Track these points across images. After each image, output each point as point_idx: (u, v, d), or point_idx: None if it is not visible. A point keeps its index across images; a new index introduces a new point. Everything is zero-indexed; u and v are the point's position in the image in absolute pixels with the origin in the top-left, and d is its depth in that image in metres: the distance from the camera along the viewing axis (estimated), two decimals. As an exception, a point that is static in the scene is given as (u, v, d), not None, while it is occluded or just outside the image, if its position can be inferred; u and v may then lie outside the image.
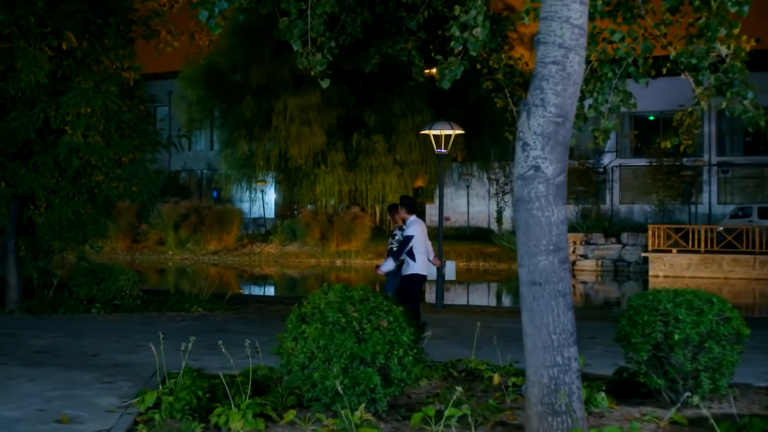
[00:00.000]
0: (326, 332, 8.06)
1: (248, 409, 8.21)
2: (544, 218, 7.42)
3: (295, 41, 9.53)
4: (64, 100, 16.13)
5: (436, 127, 21.26)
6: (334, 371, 7.96)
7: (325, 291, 8.55)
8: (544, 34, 7.46)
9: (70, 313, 17.62)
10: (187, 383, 8.88)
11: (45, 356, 12.13)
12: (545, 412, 7.36)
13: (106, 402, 9.01)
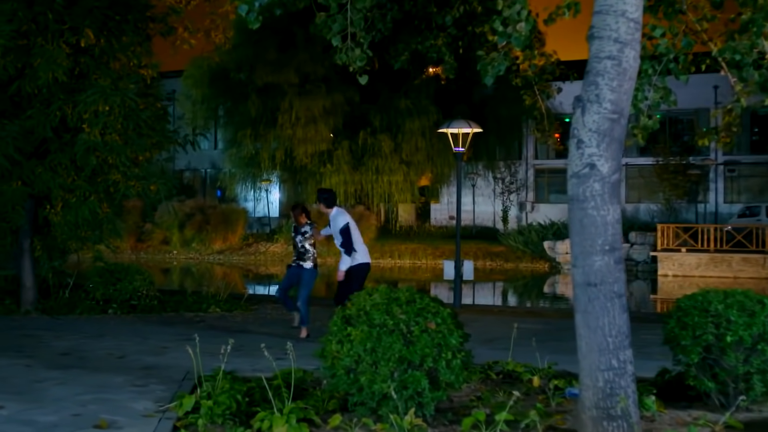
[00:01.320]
0: (373, 335, 7.83)
1: (291, 413, 8.00)
2: (599, 217, 7.23)
3: (335, 36, 9.31)
4: (82, 97, 15.89)
5: (453, 125, 21.00)
6: (382, 375, 7.73)
7: (370, 292, 8.32)
8: (598, 28, 7.26)
9: (87, 313, 17.39)
10: (226, 387, 8.65)
11: (70, 358, 11.90)
12: (600, 416, 7.16)
13: (142, 406, 8.78)
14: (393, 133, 49.61)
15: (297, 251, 14.80)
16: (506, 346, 11.00)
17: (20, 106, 16.82)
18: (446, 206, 58.15)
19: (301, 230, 14.71)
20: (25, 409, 8.54)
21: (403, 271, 45.86)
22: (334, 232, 14.00)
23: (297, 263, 14.80)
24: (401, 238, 51.86)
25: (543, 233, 47.41)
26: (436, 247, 48.97)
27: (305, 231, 14.67)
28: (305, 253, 14.72)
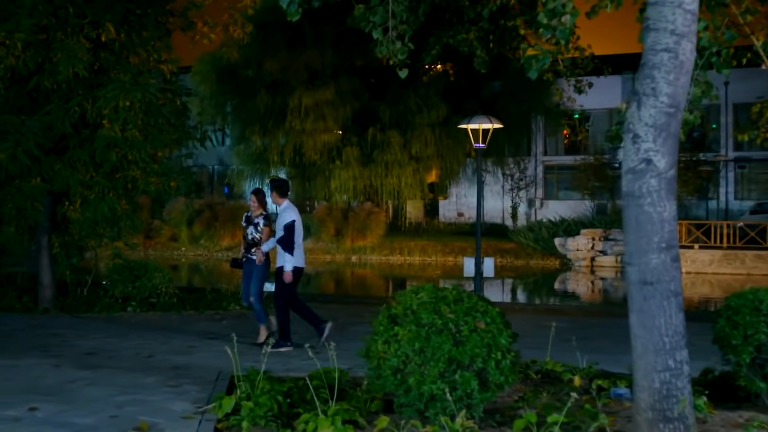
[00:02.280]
0: (422, 335, 7.62)
1: (336, 415, 7.80)
2: (656, 214, 7.02)
3: (376, 29, 9.10)
4: (103, 93, 15.69)
5: (474, 120, 20.76)
6: (431, 376, 7.53)
7: (416, 291, 8.11)
8: (654, 20, 7.05)
9: (106, 311, 17.18)
10: (266, 388, 8.45)
11: (97, 358, 11.71)
12: (656, 418, 6.96)
13: (180, 407, 8.58)
14: (402, 128, 49.41)
15: (247, 243, 13.66)
16: (536, 345, 10.83)
17: (38, 101, 16.63)
18: (455, 202, 57.96)
19: (255, 221, 13.62)
20: (61, 411, 8.34)
21: (413, 268, 45.69)
22: (279, 226, 12.85)
23: (247, 257, 13.62)
24: (410, 235, 51.69)
25: (553, 230, 47.20)
26: (446, 243, 48.77)
27: (258, 222, 13.56)
28: (256, 246, 13.53)
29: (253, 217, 13.70)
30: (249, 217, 13.77)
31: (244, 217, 13.91)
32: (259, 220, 13.57)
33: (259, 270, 13.43)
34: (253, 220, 13.64)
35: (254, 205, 13.76)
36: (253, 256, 13.48)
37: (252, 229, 13.57)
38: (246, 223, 13.75)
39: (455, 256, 47.06)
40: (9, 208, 16.74)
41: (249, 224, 13.65)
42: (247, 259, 13.60)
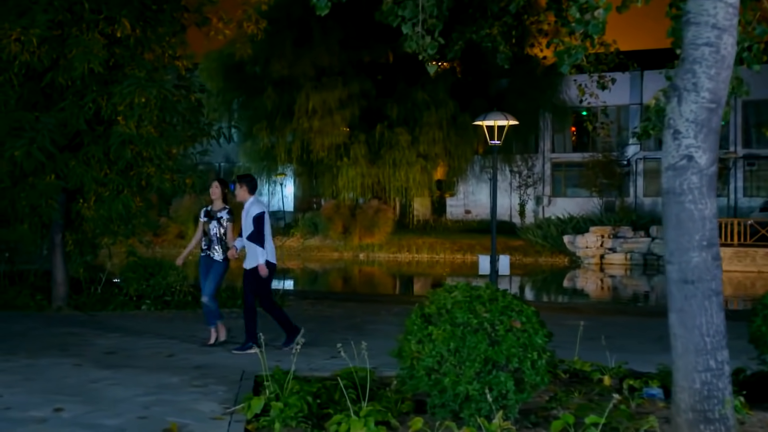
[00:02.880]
0: (457, 334, 7.47)
1: (369, 416, 7.66)
2: (697, 212, 6.89)
3: (406, 24, 8.96)
4: (118, 89, 15.56)
5: (489, 117, 20.62)
6: (467, 376, 7.38)
7: (449, 290, 7.96)
8: (694, 13, 6.91)
9: (120, 309, 17.07)
10: (296, 388, 8.31)
11: (118, 357, 11.58)
12: (697, 419, 6.83)
13: (207, 408, 8.44)
14: (410, 126, 49.23)
15: (208, 239, 12.80)
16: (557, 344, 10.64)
17: (51, 98, 16.51)
18: (462, 200, 57.80)
19: (218, 215, 12.80)
20: (87, 412, 8.20)
21: (421, 265, 45.55)
22: (247, 221, 12.25)
23: (207, 254, 12.78)
24: (418, 233, 51.55)
25: (562, 227, 47.02)
26: (454, 241, 48.62)
27: (222, 217, 12.77)
28: (218, 242, 12.75)
29: (214, 210, 12.89)
30: (210, 211, 12.94)
31: (202, 212, 13.03)
32: (222, 214, 12.80)
33: (219, 269, 12.75)
34: (215, 214, 12.84)
35: (216, 196, 12.93)
36: (211, 253, 12.76)
37: (215, 224, 12.78)
38: (207, 217, 12.89)
39: (464, 253, 46.96)
40: (23, 205, 16.62)
41: (211, 219, 12.82)
42: (207, 256, 12.80)
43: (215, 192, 12.88)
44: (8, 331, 13.91)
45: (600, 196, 52.42)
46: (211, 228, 12.77)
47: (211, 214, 12.85)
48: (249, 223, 12.21)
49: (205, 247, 12.82)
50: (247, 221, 12.24)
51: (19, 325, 14.72)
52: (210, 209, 12.94)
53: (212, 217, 12.79)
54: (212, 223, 12.76)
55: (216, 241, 12.71)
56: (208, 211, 12.94)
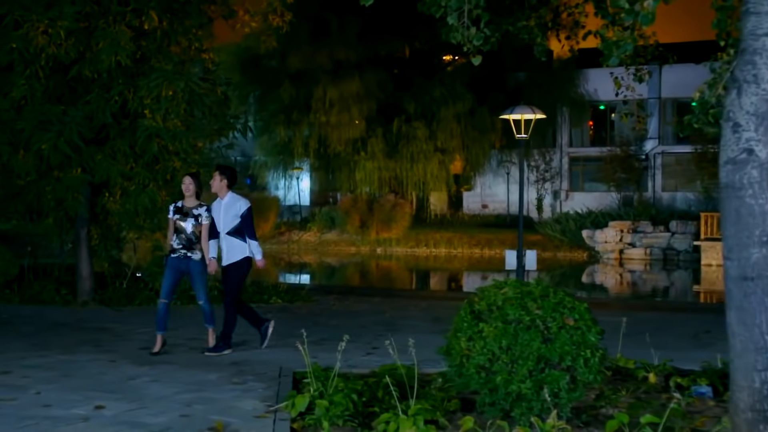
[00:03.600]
0: (509, 331, 7.30)
1: (418, 415, 7.50)
2: (757, 206, 6.70)
3: (451, 14, 8.77)
4: (145, 82, 15.42)
5: (516, 111, 20.41)
6: (520, 374, 7.22)
7: (499, 286, 7.79)
8: (754, 3, 6.71)
9: (146, 304, 16.92)
10: (341, 386, 8.16)
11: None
12: (756, 419, 6.64)
13: (250, 406, 8.30)
14: (428, 120, 49.01)
15: (186, 238, 11.64)
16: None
17: (76, 91, 16.37)
18: (479, 194, 57.55)
19: (194, 212, 11.68)
20: (130, 410, 8.07)
21: (439, 260, 45.36)
22: (227, 216, 11.53)
23: (183, 254, 11.65)
24: (435, 227, 51.28)
25: (581, 222, 46.71)
26: (472, 235, 48.38)
27: (200, 214, 11.66)
28: (195, 241, 11.66)
29: (188, 207, 11.76)
30: (182, 208, 11.79)
31: (172, 208, 11.86)
32: (200, 211, 11.68)
33: (201, 269, 11.74)
34: (190, 211, 11.70)
35: (190, 192, 11.77)
36: (189, 253, 11.63)
37: (192, 222, 11.65)
38: (179, 214, 11.71)
39: (481, 248, 46.77)
40: (48, 199, 16.51)
41: (187, 216, 11.65)
42: (184, 256, 11.65)
43: (189, 188, 11.74)
44: (39, 326, 13.80)
45: (618, 190, 52.12)
46: (188, 226, 11.64)
47: (183, 211, 11.72)
48: (230, 219, 11.55)
49: (180, 247, 11.65)
50: (228, 216, 11.55)
51: (48, 320, 14.62)
52: (182, 206, 11.79)
53: (187, 215, 11.67)
54: (188, 221, 11.65)
55: (195, 240, 11.64)
56: (179, 207, 11.79)
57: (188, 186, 11.78)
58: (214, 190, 11.75)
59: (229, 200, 11.64)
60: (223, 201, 11.63)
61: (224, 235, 11.59)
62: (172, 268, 11.70)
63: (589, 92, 52.66)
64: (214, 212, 11.69)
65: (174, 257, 11.68)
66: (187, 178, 11.93)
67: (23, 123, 15.37)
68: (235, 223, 11.57)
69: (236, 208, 11.59)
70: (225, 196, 11.65)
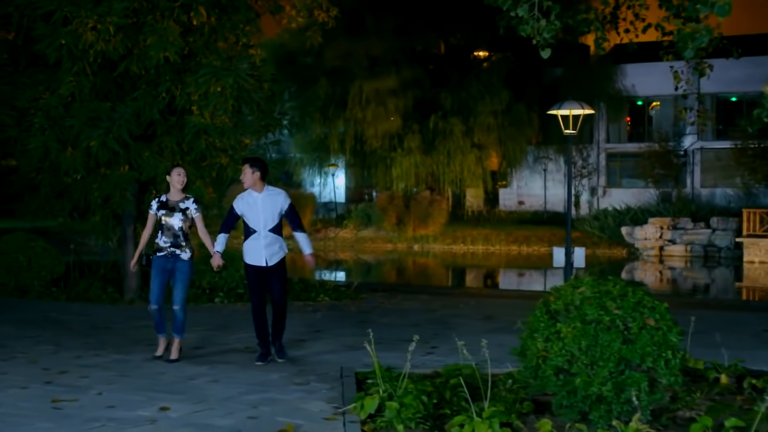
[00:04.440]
0: (589, 332, 7.08)
1: (493, 417, 7.29)
2: None
3: (522, 6, 8.55)
4: (193, 78, 15.31)
5: (565, 106, 20.11)
6: (600, 376, 6.99)
7: (575, 285, 7.56)
8: None
9: (194, 302, 16.70)
10: (410, 387, 7.97)
11: (208, 352, 11.30)
12: None
13: (316, 408, 8.12)
14: (464, 116, 48.74)
15: (172, 235, 10.61)
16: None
17: (123, 88, 16.27)
18: (515, 190, 57.20)
19: (181, 206, 10.65)
20: (195, 412, 7.91)
21: (477, 257, 45.10)
22: (271, 212, 10.50)
23: (171, 252, 10.63)
24: (472, 224, 51.00)
25: (619, 218, 46.28)
26: (509, 232, 48.05)
27: (188, 208, 10.66)
28: (184, 238, 10.66)
29: (174, 201, 10.70)
30: (167, 202, 10.72)
31: (155, 203, 10.76)
32: (188, 204, 10.66)
33: (189, 270, 10.78)
34: (177, 205, 10.65)
35: (180, 185, 10.72)
36: (178, 251, 10.64)
37: (180, 217, 10.60)
38: (164, 209, 10.64)
39: (519, 245, 46.47)
40: (95, 196, 16.43)
41: (173, 211, 10.60)
42: (172, 255, 10.62)
43: (182, 180, 10.68)
44: (89, 324, 13.69)
45: (656, 186, 51.63)
46: (175, 222, 10.57)
47: (169, 205, 10.64)
48: (270, 214, 10.46)
49: (167, 245, 10.61)
50: (267, 212, 10.46)
51: (98, 318, 14.51)
52: (166, 200, 10.71)
53: (173, 209, 10.59)
54: (175, 216, 10.56)
55: (183, 236, 10.60)
56: (163, 202, 10.71)
57: (182, 178, 10.67)
58: (248, 185, 10.56)
59: (268, 195, 10.58)
60: (260, 195, 10.52)
61: (266, 232, 10.47)
62: (159, 269, 10.65)
63: (627, 87, 52.24)
64: (245, 207, 10.50)
65: (161, 257, 10.64)
66: (176, 170, 10.80)
67: (72, 120, 15.28)
68: (278, 220, 10.57)
69: (277, 204, 10.54)
70: (262, 190, 10.56)
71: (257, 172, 10.51)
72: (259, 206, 10.49)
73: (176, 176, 10.66)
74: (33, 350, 11.26)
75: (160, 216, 10.61)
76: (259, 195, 10.52)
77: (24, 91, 15.84)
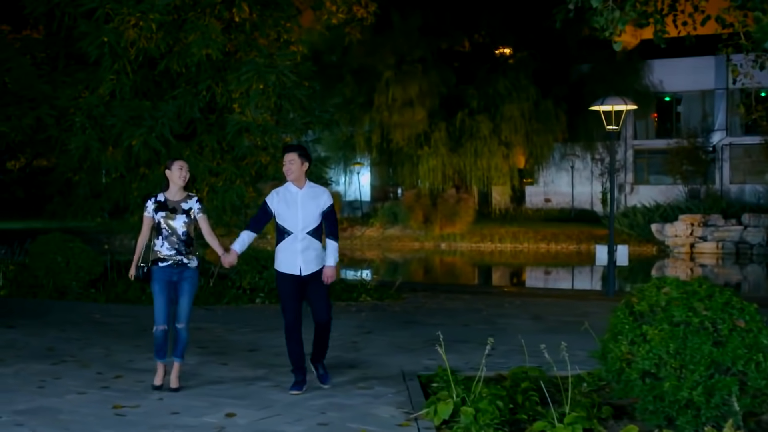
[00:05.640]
0: (677, 335, 6.79)
1: (576, 423, 7.03)
2: None
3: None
4: (236, 75, 15.11)
5: (607, 102, 19.82)
6: (690, 381, 6.70)
7: (658, 284, 7.26)
8: None
9: (234, 303, 16.57)
10: (485, 391, 7.71)
11: (263, 355, 11.05)
12: None
13: (386, 413, 7.87)
14: (491, 113, 48.41)
15: (176, 242, 8.84)
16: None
17: (161, 86, 16.09)
18: (542, 188, 56.83)
19: (184, 206, 8.92)
20: (262, 418, 7.68)
21: (505, 255, 44.75)
22: (311, 212, 8.88)
23: (177, 261, 8.87)
24: (499, 222, 50.70)
25: (649, 215, 45.84)
26: (537, 230, 47.69)
27: (190, 208, 8.93)
28: (189, 243, 8.96)
29: (175, 201, 8.93)
30: (166, 203, 8.93)
31: (151, 203, 8.97)
32: (191, 204, 8.95)
33: (195, 280, 9.10)
34: (179, 206, 8.91)
35: (183, 181, 8.96)
36: (185, 259, 8.91)
37: (184, 219, 8.88)
38: (164, 210, 8.88)
39: (548, 242, 46.12)
40: (135, 196, 16.24)
41: (175, 212, 8.85)
42: (178, 264, 8.87)
43: (183, 175, 8.92)
44: (135, 326, 13.45)
45: (684, 183, 51.17)
46: (178, 226, 8.82)
47: (169, 206, 8.88)
48: (310, 215, 8.86)
49: (172, 253, 8.84)
50: (307, 211, 8.85)
51: (141, 319, 14.23)
52: (165, 199, 8.94)
53: (174, 211, 8.86)
54: (177, 218, 8.83)
55: (188, 242, 8.92)
56: (161, 202, 8.93)
57: (184, 173, 8.92)
58: (293, 177, 8.84)
59: (309, 191, 8.95)
60: (300, 192, 8.87)
61: (303, 235, 8.82)
62: (162, 283, 8.84)
63: (654, 83, 51.82)
64: (281, 205, 8.87)
65: (163, 267, 8.82)
66: (178, 163, 9.03)
67: (113, 119, 15.10)
68: (319, 221, 8.93)
69: (320, 202, 8.92)
70: (303, 186, 8.91)
71: (306, 162, 8.94)
72: (298, 204, 8.81)
73: (178, 170, 8.86)
74: (83, 353, 11.05)
75: (158, 219, 8.83)
76: (299, 191, 8.87)
77: (64, 90, 15.65)
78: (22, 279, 18.15)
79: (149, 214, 8.89)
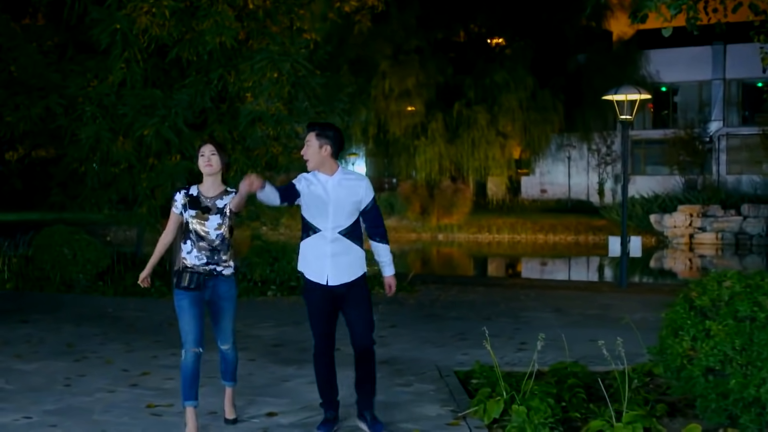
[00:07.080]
0: (744, 330, 6.53)
1: (636, 422, 6.77)
2: None
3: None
4: (249, 64, 14.77)
5: (621, 91, 19.57)
6: (756, 378, 6.44)
7: (719, 278, 7.00)
8: None
9: (246, 296, 16.20)
10: (535, 389, 7.45)
11: (289, 350, 10.74)
12: None
13: (432, 411, 7.62)
14: (488, 104, 48.09)
15: (208, 248, 6.96)
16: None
17: (171, 75, 15.75)
18: (538, 179, 56.65)
19: (219, 204, 6.96)
20: (305, 418, 7.45)
21: (504, 246, 44.49)
22: (346, 206, 6.91)
23: (209, 270, 7.01)
24: (496, 213, 50.45)
25: (647, 206, 45.64)
26: (534, 221, 47.44)
27: (226, 205, 6.96)
28: (226, 249, 7.04)
29: (209, 197, 7.00)
30: (198, 198, 6.99)
31: (181, 197, 7.02)
32: (226, 200, 6.98)
33: (235, 294, 7.28)
34: (214, 203, 6.98)
35: (215, 170, 7.00)
36: (220, 268, 7.03)
37: (218, 220, 6.97)
38: (195, 209, 6.95)
39: (545, 233, 45.86)
40: (144, 187, 15.93)
41: (208, 212, 6.94)
42: (212, 274, 7.03)
43: (213, 163, 6.96)
44: (151, 321, 13.19)
45: (681, 174, 51.00)
46: (211, 228, 6.93)
47: (201, 204, 6.96)
48: (344, 209, 6.92)
49: (203, 262, 6.98)
50: (340, 205, 6.90)
51: (155, 313, 13.99)
52: (197, 194, 7.02)
53: (208, 210, 6.95)
54: (212, 219, 6.93)
55: (224, 248, 7.01)
56: (194, 197, 7.01)
57: (207, 159, 6.96)
58: (313, 165, 6.93)
59: (343, 179, 6.95)
60: (331, 180, 6.90)
61: (334, 234, 6.89)
62: (192, 297, 7.00)
63: (651, 74, 51.56)
64: (308, 195, 6.87)
65: (195, 275, 7.01)
66: (207, 147, 7.02)
67: (125, 108, 14.75)
68: (356, 217, 7.02)
69: (357, 194, 6.97)
70: (333, 173, 6.92)
71: (327, 145, 6.86)
72: (329, 195, 6.85)
73: (210, 155, 6.94)
74: (104, 349, 10.76)
75: (187, 219, 6.99)
76: (330, 178, 6.89)
77: (73, 79, 15.30)
78: (27, 272, 17.84)
79: (177, 211, 7.01)
